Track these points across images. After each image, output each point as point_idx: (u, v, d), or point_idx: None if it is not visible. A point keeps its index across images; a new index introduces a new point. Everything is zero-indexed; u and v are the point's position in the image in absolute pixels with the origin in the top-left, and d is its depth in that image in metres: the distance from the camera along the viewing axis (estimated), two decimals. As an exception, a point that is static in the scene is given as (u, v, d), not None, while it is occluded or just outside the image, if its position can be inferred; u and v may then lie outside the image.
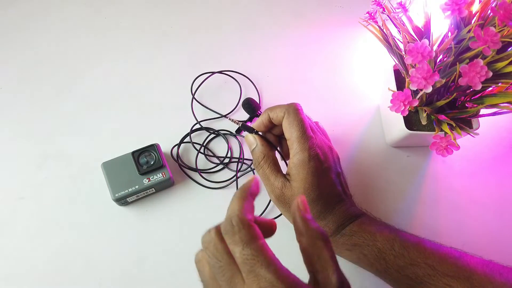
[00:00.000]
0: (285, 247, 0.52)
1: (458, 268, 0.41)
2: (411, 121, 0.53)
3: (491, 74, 0.41)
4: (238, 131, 0.58)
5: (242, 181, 0.56)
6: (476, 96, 0.48)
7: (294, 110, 0.45)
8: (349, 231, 0.45)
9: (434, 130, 0.49)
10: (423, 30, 0.48)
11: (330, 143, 0.50)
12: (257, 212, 0.54)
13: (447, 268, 0.41)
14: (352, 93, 0.62)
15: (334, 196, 0.46)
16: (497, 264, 0.43)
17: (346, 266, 0.43)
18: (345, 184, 0.49)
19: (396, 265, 0.42)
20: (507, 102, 0.44)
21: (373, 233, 0.44)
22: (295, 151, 0.44)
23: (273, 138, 0.49)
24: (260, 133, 0.48)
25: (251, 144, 0.48)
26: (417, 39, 0.48)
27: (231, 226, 0.29)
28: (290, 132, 0.45)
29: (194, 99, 0.60)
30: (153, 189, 0.53)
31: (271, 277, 0.26)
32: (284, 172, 0.47)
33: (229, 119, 0.46)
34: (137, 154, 0.52)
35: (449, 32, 0.46)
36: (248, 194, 0.33)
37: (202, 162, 0.57)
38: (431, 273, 0.41)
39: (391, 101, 0.46)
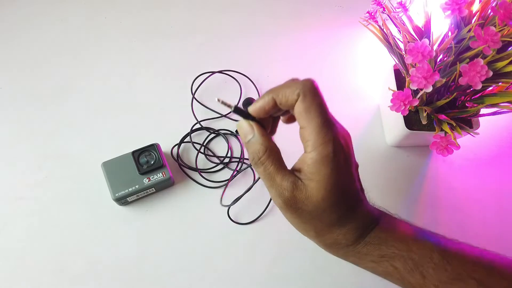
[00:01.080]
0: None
1: (508, 283, 0.36)
2: (411, 121, 0.53)
3: (491, 73, 0.41)
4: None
5: (242, 181, 0.56)
6: (476, 96, 0.48)
7: (311, 90, 0.35)
8: (375, 238, 0.37)
9: (434, 130, 0.48)
10: (423, 29, 0.48)
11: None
12: (256, 213, 0.54)
13: (497, 283, 0.36)
14: (352, 93, 0.62)
15: (355, 197, 0.38)
16: None
17: (344, 265, 0.43)
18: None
19: (437, 280, 0.35)
20: (507, 102, 0.45)
21: (406, 241, 0.37)
22: (315, 143, 0.34)
23: (268, 122, 0.40)
24: (257, 119, 0.38)
25: (246, 134, 0.37)
26: (417, 38, 0.48)
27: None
28: (308, 120, 0.35)
29: (194, 99, 0.60)
30: (153, 188, 0.53)
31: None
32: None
33: (219, 100, 0.35)
34: (137, 154, 0.52)
35: (449, 32, 0.46)
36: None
37: (202, 162, 0.57)
38: None
39: (392, 100, 0.45)
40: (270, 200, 0.54)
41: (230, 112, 0.59)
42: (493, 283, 0.35)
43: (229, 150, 0.57)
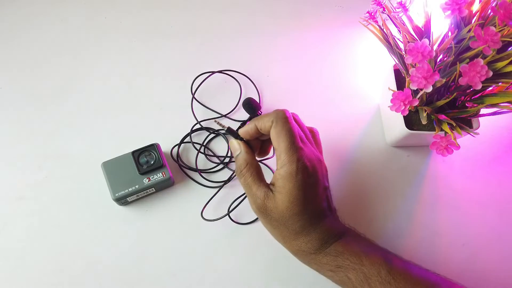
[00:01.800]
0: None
1: None
2: (411, 121, 0.53)
3: (491, 73, 0.40)
4: (228, 131, 0.58)
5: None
6: (476, 96, 0.48)
7: (282, 119, 0.42)
8: (334, 251, 0.43)
9: (434, 130, 0.48)
10: (423, 29, 0.48)
11: (320, 155, 0.47)
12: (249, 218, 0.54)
13: None
14: (352, 93, 0.62)
15: (319, 212, 0.44)
16: None
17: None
18: (330, 198, 0.47)
19: None
20: (507, 102, 0.44)
21: (359, 256, 0.42)
22: (283, 162, 0.42)
23: (256, 144, 0.48)
24: (245, 139, 0.46)
25: (235, 150, 0.46)
26: (417, 38, 0.48)
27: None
28: (278, 142, 0.42)
29: (194, 99, 0.60)
30: (153, 188, 0.53)
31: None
32: (268, 182, 0.45)
33: (216, 121, 0.46)
34: (137, 154, 0.52)
35: (449, 32, 0.46)
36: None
37: (202, 162, 0.57)
38: None
39: (391, 100, 0.45)
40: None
41: (230, 112, 0.59)
42: None
43: (229, 150, 0.57)
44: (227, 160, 0.57)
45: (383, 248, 0.46)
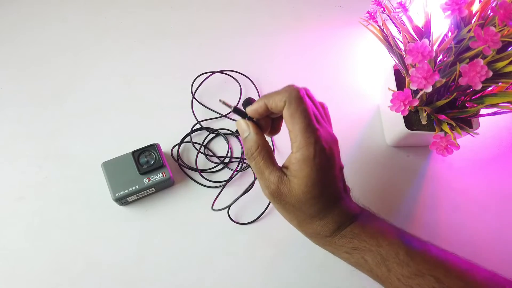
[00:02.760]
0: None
1: (464, 283, 0.39)
2: (411, 121, 0.53)
3: (491, 73, 0.41)
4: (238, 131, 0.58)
5: (241, 179, 0.56)
6: (476, 96, 0.48)
7: (296, 99, 0.39)
8: (350, 233, 0.42)
9: (434, 130, 0.49)
10: (423, 29, 0.48)
11: (332, 132, 0.44)
12: (256, 213, 0.55)
13: (453, 282, 0.39)
14: (352, 93, 0.62)
15: (336, 194, 0.42)
16: (503, 277, 0.41)
17: (344, 265, 0.43)
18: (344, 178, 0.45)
19: (400, 274, 0.40)
20: (507, 102, 0.45)
21: (376, 237, 0.41)
22: (299, 145, 0.39)
23: (266, 122, 0.44)
24: (254, 119, 0.43)
25: (243, 132, 0.42)
26: (417, 38, 0.48)
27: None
28: (292, 124, 0.39)
29: (194, 99, 0.60)
30: (153, 188, 0.53)
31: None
32: (280, 165, 0.42)
33: (220, 100, 0.41)
34: (137, 154, 0.52)
35: (449, 32, 0.46)
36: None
37: (202, 162, 0.57)
38: (436, 286, 0.39)
39: (391, 100, 0.46)
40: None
41: (230, 112, 0.59)
42: (450, 282, 0.39)
43: (229, 150, 0.57)
44: (227, 160, 0.57)
45: (399, 228, 0.44)
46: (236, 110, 0.42)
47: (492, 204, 0.57)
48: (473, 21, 0.43)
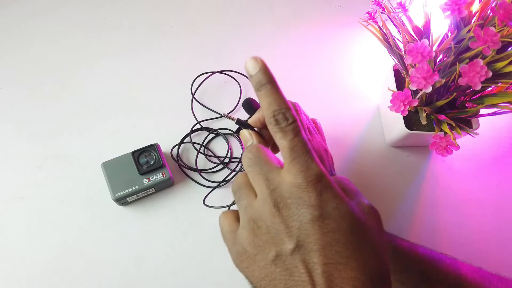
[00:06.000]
0: None
1: (449, 276, 0.42)
2: (411, 121, 0.53)
3: (490, 74, 0.41)
4: (238, 130, 0.58)
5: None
6: (476, 96, 0.48)
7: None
8: None
9: (434, 130, 0.49)
10: (423, 30, 0.48)
11: (326, 145, 0.48)
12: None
13: (439, 275, 0.42)
14: (352, 93, 0.62)
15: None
16: (486, 271, 0.44)
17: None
18: None
19: (391, 269, 0.42)
20: (507, 102, 0.44)
21: None
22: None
23: (269, 134, 0.46)
24: (256, 129, 0.45)
25: (246, 141, 0.45)
26: (417, 39, 0.48)
27: (284, 119, 0.32)
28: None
29: (194, 99, 0.60)
30: (153, 189, 0.53)
31: (316, 166, 0.30)
32: None
33: (225, 115, 0.44)
34: (137, 154, 0.52)
35: (449, 32, 0.46)
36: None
37: (202, 162, 0.57)
38: (423, 279, 0.42)
39: (391, 101, 0.46)
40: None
41: (230, 112, 0.59)
42: (435, 275, 0.42)
43: (229, 150, 0.57)
44: (227, 160, 0.57)
45: (387, 232, 0.46)
46: (239, 121, 0.45)
47: (491, 204, 0.57)
48: (472, 21, 0.43)
